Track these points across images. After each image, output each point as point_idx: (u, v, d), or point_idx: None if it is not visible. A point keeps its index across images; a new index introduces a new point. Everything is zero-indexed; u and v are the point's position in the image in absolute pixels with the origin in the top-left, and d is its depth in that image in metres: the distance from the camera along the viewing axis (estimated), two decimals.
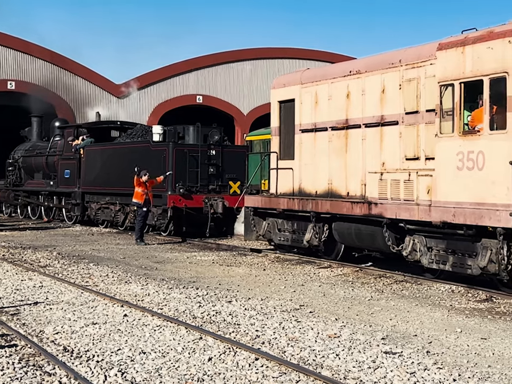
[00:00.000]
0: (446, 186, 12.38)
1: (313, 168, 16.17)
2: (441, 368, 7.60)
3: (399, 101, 13.84)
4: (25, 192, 31.33)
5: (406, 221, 13.31)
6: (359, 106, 14.90)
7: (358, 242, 15.20)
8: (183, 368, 7.58)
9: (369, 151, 14.59)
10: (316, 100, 16.17)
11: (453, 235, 12.45)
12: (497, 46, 11.54)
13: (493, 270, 11.71)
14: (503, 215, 11.20)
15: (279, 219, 17.37)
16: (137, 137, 25.13)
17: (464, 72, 12.07)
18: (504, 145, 11.36)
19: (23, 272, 14.50)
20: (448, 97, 12.40)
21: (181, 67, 39.97)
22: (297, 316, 10.26)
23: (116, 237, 22.89)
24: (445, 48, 12.53)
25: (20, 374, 7.36)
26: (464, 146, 12.02)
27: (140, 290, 12.44)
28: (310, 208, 15.94)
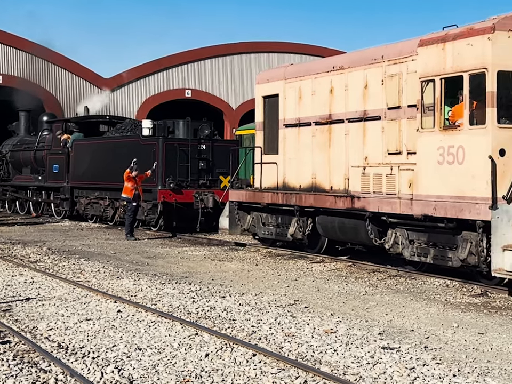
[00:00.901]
0: (427, 180, 12.57)
1: (297, 163, 16.32)
2: (440, 364, 7.56)
3: (382, 96, 14.00)
4: (13, 187, 31.10)
5: (388, 215, 13.48)
6: (342, 101, 15.05)
7: (341, 235, 15.37)
8: (180, 365, 7.50)
9: (352, 145, 14.75)
10: (300, 95, 16.31)
11: (434, 228, 12.63)
12: (476, 43, 11.70)
13: (472, 262, 11.88)
14: (482, 208, 11.40)
15: (264, 213, 17.50)
16: (127, 131, 24.99)
17: (445, 68, 12.24)
18: (484, 140, 11.55)
19: (13, 268, 14.36)
20: (429, 92, 12.57)
21: (169, 61, 39.78)
22: (292, 311, 10.19)
23: (105, 232, 22.76)
24: (425, 44, 12.69)
25: (15, 371, 7.25)
26: (444, 141, 12.20)
27: (132, 285, 12.34)
28: (294, 202, 16.08)
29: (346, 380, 7.01)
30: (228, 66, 40.85)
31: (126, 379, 7.00)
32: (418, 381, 7.00)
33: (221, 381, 6.99)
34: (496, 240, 11.02)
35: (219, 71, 40.69)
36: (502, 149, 11.43)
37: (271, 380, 6.99)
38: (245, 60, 41.20)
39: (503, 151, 11.43)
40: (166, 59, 39.76)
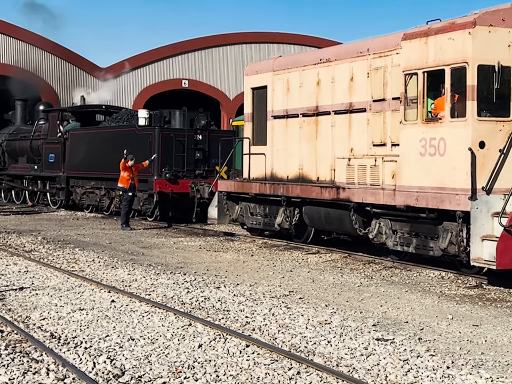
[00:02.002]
0: (410, 171, 12.79)
1: (285, 154, 16.51)
2: (434, 356, 7.53)
3: (367, 89, 14.16)
4: (9, 176, 31.02)
5: (372, 205, 13.69)
6: (329, 93, 15.25)
7: (327, 225, 15.63)
8: (173, 355, 7.47)
9: (338, 137, 14.93)
10: (288, 87, 16.47)
11: (416, 218, 12.85)
12: (458, 37, 11.89)
13: (453, 251, 12.12)
14: (462, 199, 11.63)
15: (252, 203, 17.73)
16: (123, 121, 24.90)
17: (427, 62, 12.43)
18: (464, 132, 11.77)
19: (7, 257, 14.32)
20: (412, 85, 12.76)
21: (166, 51, 39.63)
22: (286, 302, 10.16)
23: (101, 221, 22.71)
24: (409, 38, 12.88)
25: (7, 360, 7.21)
26: (426, 133, 12.41)
27: (126, 275, 12.31)
28: (281, 192, 16.25)
29: (340, 371, 6.99)
30: (225, 57, 40.72)
31: (118, 369, 6.96)
32: (412, 373, 6.97)
33: (214, 371, 6.96)
34: (475, 230, 11.29)
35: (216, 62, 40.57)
36: (482, 141, 11.68)
37: (264, 371, 6.96)
38: (242, 50, 41.07)
39: (482, 144, 11.68)
40: (163, 49, 39.62)
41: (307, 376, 6.82)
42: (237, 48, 40.93)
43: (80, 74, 37.33)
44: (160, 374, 6.88)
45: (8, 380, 6.66)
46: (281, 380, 6.73)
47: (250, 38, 41.37)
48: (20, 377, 6.73)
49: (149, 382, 6.67)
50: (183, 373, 6.89)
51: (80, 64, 37.51)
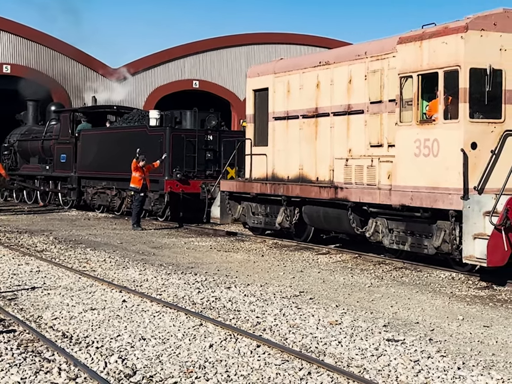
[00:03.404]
0: (405, 171, 13.12)
1: (286, 154, 16.83)
2: (445, 356, 7.53)
3: (365, 91, 14.46)
4: (20, 176, 31.16)
5: (369, 204, 13.99)
6: (328, 95, 15.57)
7: (326, 224, 16.00)
8: (184, 355, 7.50)
9: (337, 138, 15.23)
10: (288, 89, 16.80)
11: (411, 217, 13.17)
12: (451, 41, 12.23)
13: (446, 249, 12.42)
14: (454, 199, 11.93)
15: (253, 203, 18.07)
16: (134, 121, 24.97)
17: (422, 65, 12.76)
18: (456, 134, 12.09)
19: (19, 257, 14.40)
20: (407, 88, 13.09)
21: (177, 52, 39.70)
22: (297, 303, 10.18)
23: (112, 221, 22.78)
24: (404, 42, 13.22)
25: (19, 360, 7.26)
26: (421, 134, 12.73)
27: (138, 275, 12.35)
28: (282, 192, 16.56)
29: (350, 371, 7.00)
30: (236, 57, 40.76)
31: (130, 369, 7.00)
32: (423, 374, 6.98)
33: (225, 371, 6.98)
34: (467, 228, 11.62)
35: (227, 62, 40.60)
36: (474, 142, 11.99)
37: (275, 371, 6.98)
38: (253, 51, 41.09)
39: (474, 145, 11.99)
40: (174, 50, 39.69)
41: (318, 376, 6.84)
42: (247, 48, 40.96)
43: (91, 75, 37.45)
44: (171, 373, 6.91)
45: (20, 379, 6.70)
46: (292, 380, 6.75)
47: (260, 39, 41.39)
48: (32, 376, 6.78)
49: (160, 382, 6.70)
50: (194, 373, 6.92)
51: (91, 64, 37.63)
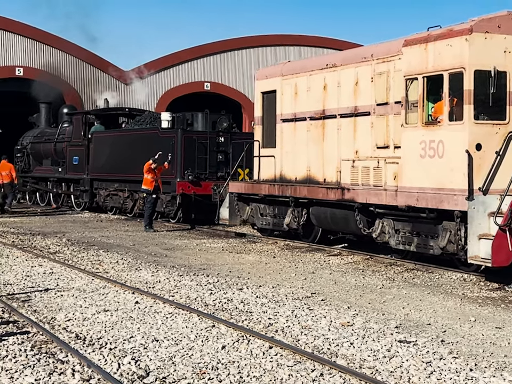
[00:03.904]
0: (410, 172, 13.28)
1: (293, 156, 16.97)
2: (457, 358, 7.54)
3: (371, 93, 14.62)
4: (33, 178, 31.33)
5: (375, 205, 14.15)
6: (335, 97, 15.70)
7: (333, 225, 16.17)
8: (196, 356, 7.54)
9: (344, 140, 15.39)
10: (296, 91, 16.95)
11: (417, 218, 13.31)
12: (455, 43, 12.38)
13: (451, 250, 12.56)
14: (460, 199, 12.08)
15: (262, 204, 18.23)
16: (146, 124, 25.05)
17: (427, 67, 12.92)
18: (461, 135, 12.23)
19: (33, 259, 14.49)
20: (413, 90, 13.24)
21: (188, 54, 39.79)
22: (309, 304, 10.20)
23: (124, 223, 22.87)
24: (410, 44, 13.39)
25: (33, 361, 7.32)
26: (426, 135, 12.88)
27: (150, 277, 12.41)
28: (289, 193, 16.72)
29: (363, 373, 7.02)
30: (247, 59, 40.80)
31: (143, 370, 7.05)
32: (435, 375, 6.99)
33: (237, 373, 7.02)
34: (472, 229, 11.76)
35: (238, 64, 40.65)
36: (479, 143, 12.12)
37: (287, 373, 7.01)
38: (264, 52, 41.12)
39: (479, 146, 12.12)
40: (185, 52, 39.78)
41: (330, 377, 6.87)
42: (257, 51, 40.99)
43: (103, 77, 37.59)
44: (184, 375, 6.95)
45: (34, 380, 6.76)
46: (304, 382, 6.77)
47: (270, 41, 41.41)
48: (46, 377, 6.83)
49: (173, 383, 6.74)
50: (207, 374, 6.96)
51: (103, 67, 37.77)
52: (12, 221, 23.12)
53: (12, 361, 7.31)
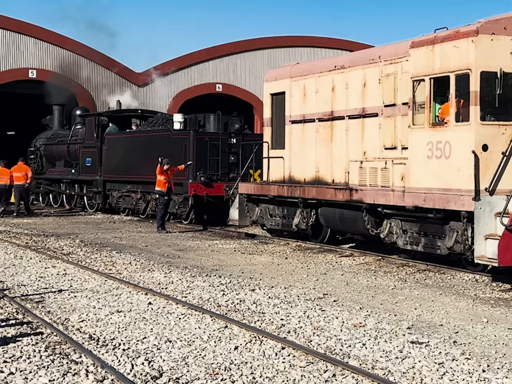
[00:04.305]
0: (418, 173, 13.38)
1: (302, 157, 17.08)
2: (470, 359, 7.54)
3: (379, 95, 14.73)
4: (47, 180, 31.48)
5: (383, 206, 14.27)
6: (343, 99, 15.80)
7: (341, 226, 16.26)
8: (209, 357, 7.57)
9: (352, 141, 15.50)
10: (304, 93, 17.06)
11: (424, 218, 13.40)
12: (461, 45, 12.48)
13: (458, 250, 12.66)
14: (466, 200, 12.18)
15: (271, 205, 18.34)
16: (158, 125, 25.14)
17: (434, 69, 13.03)
18: (467, 136, 12.34)
19: (46, 260, 14.57)
20: (420, 91, 13.36)
21: (200, 56, 39.87)
22: (321, 305, 10.23)
23: (137, 225, 22.96)
24: (416, 46, 13.51)
25: (47, 362, 7.37)
26: (433, 136, 12.98)
27: (163, 278, 12.46)
28: (298, 194, 16.83)
29: (375, 374, 7.04)
30: (258, 61, 40.83)
31: (156, 371, 7.09)
32: (448, 376, 7.00)
33: (250, 373, 7.05)
34: (479, 229, 11.85)
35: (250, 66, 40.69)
36: (485, 144, 12.20)
37: (300, 373, 7.03)
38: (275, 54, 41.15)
39: (485, 146, 12.21)
40: (197, 54, 39.86)
41: (343, 378, 6.89)
42: (269, 52, 41.02)
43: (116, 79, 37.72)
44: (197, 375, 6.99)
45: (48, 381, 6.81)
46: (317, 382, 6.80)
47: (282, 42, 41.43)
48: (60, 378, 6.88)
49: None
50: (220, 375, 6.99)
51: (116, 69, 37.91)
52: (25, 223, 23.25)
53: (26, 362, 7.36)
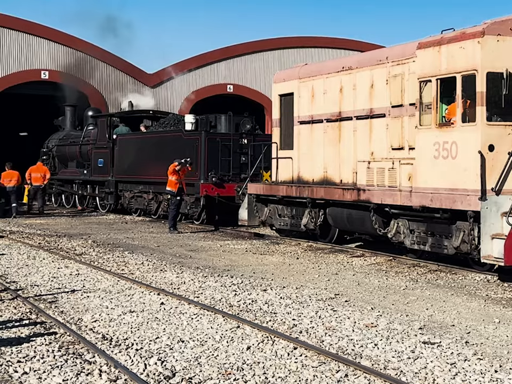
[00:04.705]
0: (425, 173, 13.50)
1: (310, 158, 17.21)
2: (482, 359, 7.54)
3: (386, 95, 14.86)
4: (59, 180, 31.62)
5: (390, 206, 14.42)
6: (350, 100, 15.95)
7: (349, 226, 16.39)
8: (222, 357, 7.61)
9: (359, 141, 15.65)
10: (313, 94, 17.20)
11: (431, 218, 13.53)
12: (468, 46, 12.60)
13: (465, 249, 12.79)
14: (472, 200, 12.29)
15: (279, 205, 18.50)
16: (170, 126, 25.22)
17: (440, 70, 13.14)
18: (474, 136, 12.44)
19: (59, 260, 14.65)
20: (426, 92, 13.48)
21: (211, 56, 39.93)
22: (333, 305, 10.25)
23: (149, 225, 23.03)
24: (423, 47, 13.63)
25: (60, 362, 7.42)
26: (440, 137, 13.10)
27: (175, 278, 12.51)
28: (306, 194, 16.99)
29: (387, 374, 7.05)
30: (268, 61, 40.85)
31: (169, 371, 7.13)
32: (460, 376, 7.00)
33: (262, 373, 7.08)
34: (485, 229, 11.96)
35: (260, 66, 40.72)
36: (491, 144, 12.31)
37: (312, 373, 7.06)
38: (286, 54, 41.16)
39: (492, 147, 12.32)
40: (208, 55, 39.93)
41: (355, 378, 6.91)
42: (279, 53, 41.04)
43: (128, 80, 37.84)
44: (210, 375, 7.02)
45: (62, 380, 6.85)
46: (329, 382, 6.82)
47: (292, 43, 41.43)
48: (74, 378, 6.93)
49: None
50: (233, 375, 7.03)
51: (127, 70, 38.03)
52: (38, 223, 23.37)
53: (40, 361, 7.42)
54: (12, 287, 11.52)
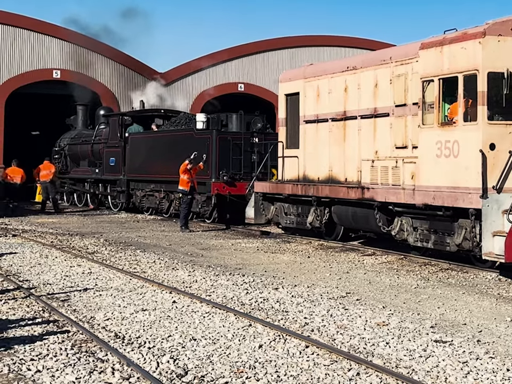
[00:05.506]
0: (427, 172, 13.72)
1: (316, 156, 17.41)
2: (494, 358, 7.54)
3: (390, 95, 15.02)
4: (71, 179, 31.75)
5: (394, 204, 14.61)
6: (355, 99, 16.13)
7: (354, 224, 16.64)
8: (234, 355, 7.64)
9: (364, 140, 15.82)
10: (318, 93, 17.39)
11: (434, 216, 13.71)
12: (469, 46, 12.78)
13: (467, 246, 12.98)
14: (474, 198, 12.45)
15: (286, 203, 18.71)
16: (181, 125, 25.26)
17: (442, 70, 13.35)
18: (475, 135, 12.62)
19: (71, 259, 14.72)
20: (429, 91, 13.68)
21: (222, 55, 39.93)
22: (344, 304, 10.26)
23: (160, 224, 23.09)
24: (426, 47, 13.85)
25: (73, 360, 7.47)
26: (442, 136, 13.30)
27: (187, 276, 12.55)
28: (312, 193, 17.18)
29: (399, 372, 7.07)
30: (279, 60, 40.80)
31: (181, 369, 7.17)
32: (472, 375, 7.01)
33: (275, 372, 7.10)
34: (486, 226, 12.10)
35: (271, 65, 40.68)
36: (492, 143, 12.47)
37: (324, 372, 7.08)
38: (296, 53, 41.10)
39: (493, 145, 12.48)
40: (219, 53, 39.93)
41: (367, 377, 6.92)
42: (290, 51, 40.99)
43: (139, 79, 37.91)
44: (222, 373, 7.06)
45: (75, 379, 6.89)
46: (341, 381, 6.84)
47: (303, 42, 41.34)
48: (86, 376, 6.97)
49: (212, 382, 6.84)
50: (245, 373, 7.05)
51: (139, 69, 38.10)
52: (50, 222, 23.48)
53: (53, 360, 7.47)
54: (24, 286, 11.60)
